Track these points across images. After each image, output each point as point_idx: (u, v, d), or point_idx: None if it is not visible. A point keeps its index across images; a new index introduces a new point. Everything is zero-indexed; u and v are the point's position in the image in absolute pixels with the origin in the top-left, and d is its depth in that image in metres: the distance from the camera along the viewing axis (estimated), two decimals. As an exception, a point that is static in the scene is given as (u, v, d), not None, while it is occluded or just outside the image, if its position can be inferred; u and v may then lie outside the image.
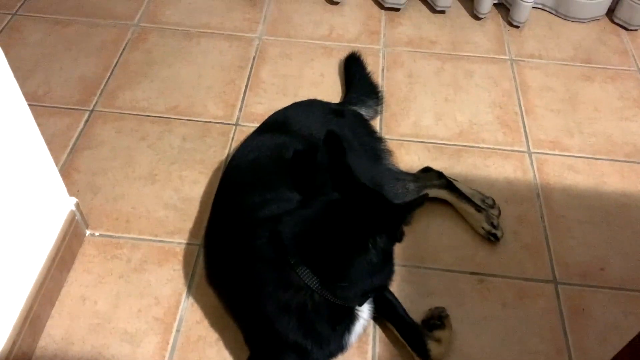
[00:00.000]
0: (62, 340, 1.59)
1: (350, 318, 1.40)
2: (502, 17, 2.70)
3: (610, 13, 2.69)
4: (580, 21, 2.69)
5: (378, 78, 2.35)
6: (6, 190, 1.41)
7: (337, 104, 2.11)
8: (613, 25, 2.69)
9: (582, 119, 2.27)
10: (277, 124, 1.78)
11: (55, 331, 1.61)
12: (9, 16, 2.54)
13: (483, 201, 1.91)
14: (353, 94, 2.19)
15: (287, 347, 1.40)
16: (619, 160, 2.12)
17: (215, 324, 1.64)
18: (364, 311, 1.44)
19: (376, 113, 2.19)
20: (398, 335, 1.58)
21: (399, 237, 1.36)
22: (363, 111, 2.10)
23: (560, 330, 1.66)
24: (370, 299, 1.44)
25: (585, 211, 1.95)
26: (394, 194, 1.81)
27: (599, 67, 2.49)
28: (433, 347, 1.54)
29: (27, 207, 1.52)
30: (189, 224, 1.85)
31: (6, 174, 1.41)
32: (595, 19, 2.70)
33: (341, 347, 1.44)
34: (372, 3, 2.73)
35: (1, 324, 1.45)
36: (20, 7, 2.59)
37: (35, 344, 1.57)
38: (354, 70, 2.29)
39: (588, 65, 2.50)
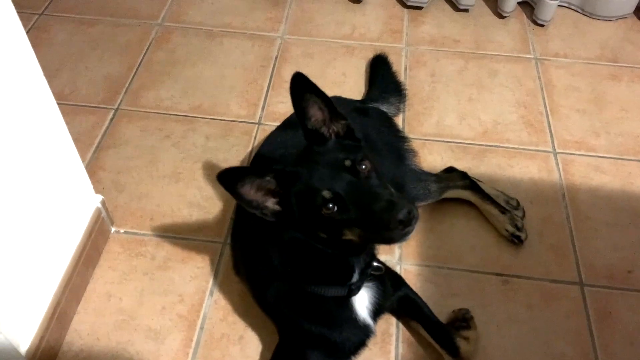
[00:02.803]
0: (88, 336, 1.61)
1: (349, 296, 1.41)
2: (526, 15, 2.67)
3: (638, 11, 2.64)
4: (607, 19, 2.64)
5: (401, 77, 2.34)
6: (35, 188, 1.44)
7: (359, 100, 2.11)
8: (641, 23, 2.65)
9: (609, 119, 2.23)
10: None
11: (82, 327, 1.63)
12: (36, 16, 2.59)
13: (507, 202, 1.89)
14: (375, 90, 2.19)
15: (305, 333, 1.43)
16: (646, 161, 2.08)
17: (239, 321, 1.65)
18: (364, 289, 1.43)
19: (398, 110, 2.19)
20: (425, 334, 1.57)
21: None
22: (385, 108, 2.10)
23: (587, 333, 1.64)
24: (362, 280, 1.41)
25: (612, 212, 1.92)
26: (415, 194, 1.80)
27: (626, 66, 2.45)
28: (462, 345, 1.53)
29: (55, 204, 1.54)
30: (212, 223, 1.86)
31: (35, 172, 1.43)
32: (622, 17, 2.65)
33: (361, 328, 1.44)
34: (395, 2, 2.72)
35: (29, 319, 1.48)
36: (46, 7, 2.63)
37: (62, 339, 1.60)
38: (378, 69, 2.29)
39: (615, 64, 2.46)
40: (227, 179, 1.16)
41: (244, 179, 1.17)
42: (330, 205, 1.16)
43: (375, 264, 1.41)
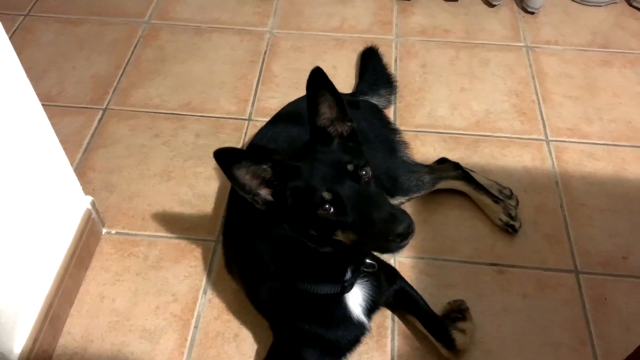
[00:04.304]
0: (82, 339, 1.60)
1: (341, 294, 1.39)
2: (516, 3, 2.65)
3: (628, -4, 2.64)
4: (598, 5, 2.63)
5: (391, 69, 2.32)
6: (22, 191, 1.42)
7: (350, 94, 2.09)
8: (631, 8, 2.62)
9: (601, 105, 2.22)
10: (290, 115, 1.77)
11: (75, 329, 1.62)
12: (21, 17, 2.56)
13: (500, 192, 1.88)
14: (365, 83, 2.18)
15: (299, 332, 1.42)
16: (640, 147, 2.08)
17: (233, 319, 1.63)
18: (358, 286, 1.42)
19: (389, 102, 2.17)
20: (421, 327, 1.56)
21: None
22: (375, 100, 2.08)
23: (583, 320, 1.63)
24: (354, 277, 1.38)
25: (606, 199, 1.91)
26: (408, 186, 1.79)
27: (617, 52, 2.43)
28: (458, 337, 1.53)
29: (43, 207, 1.53)
30: (204, 221, 1.85)
31: (22, 175, 1.41)
32: (612, 3, 2.63)
33: (355, 326, 1.42)
34: (384, -7, 2.70)
35: (22, 322, 1.46)
36: (31, 7, 2.61)
37: (56, 342, 1.59)
38: (369, 62, 2.27)
39: (606, 50, 2.44)
40: (224, 158, 1.14)
41: (240, 162, 1.15)
42: (327, 207, 1.15)
43: (368, 260, 1.40)
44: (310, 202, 1.15)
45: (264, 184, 1.20)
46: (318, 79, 1.20)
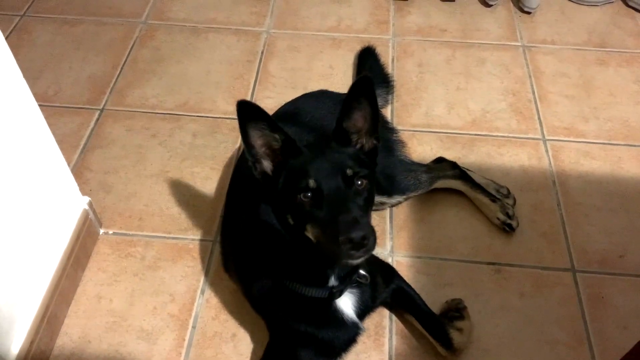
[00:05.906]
0: (79, 339, 1.60)
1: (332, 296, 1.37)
2: (512, 3, 2.66)
3: (624, -5, 2.64)
4: (594, 4, 2.64)
5: (388, 68, 2.32)
6: (19, 192, 1.42)
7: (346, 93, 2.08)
8: (627, 8, 2.63)
9: (598, 104, 2.22)
10: (287, 115, 1.77)
11: (72, 330, 1.61)
12: (18, 17, 2.55)
13: (498, 191, 1.88)
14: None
15: (292, 331, 1.42)
16: (636, 145, 2.08)
17: (231, 319, 1.63)
18: (348, 294, 1.41)
19: (386, 102, 2.17)
20: (419, 326, 1.56)
21: None
22: (371, 99, 2.08)
23: (580, 319, 1.63)
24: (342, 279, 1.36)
25: (602, 197, 1.92)
26: (405, 185, 1.79)
27: (613, 51, 2.44)
28: (456, 336, 1.53)
29: (40, 208, 1.52)
30: (201, 221, 1.85)
31: (19, 176, 1.41)
32: (608, 2, 2.64)
33: (349, 327, 1.42)
34: (380, -7, 2.70)
35: (19, 323, 1.46)
36: (28, 8, 2.60)
37: (53, 343, 1.58)
38: (366, 61, 2.27)
39: (602, 49, 2.45)
40: (245, 111, 1.16)
41: (257, 122, 1.18)
42: (309, 194, 1.17)
43: (361, 272, 1.38)
44: (296, 184, 1.18)
45: (270, 155, 1.23)
46: (364, 87, 1.21)
